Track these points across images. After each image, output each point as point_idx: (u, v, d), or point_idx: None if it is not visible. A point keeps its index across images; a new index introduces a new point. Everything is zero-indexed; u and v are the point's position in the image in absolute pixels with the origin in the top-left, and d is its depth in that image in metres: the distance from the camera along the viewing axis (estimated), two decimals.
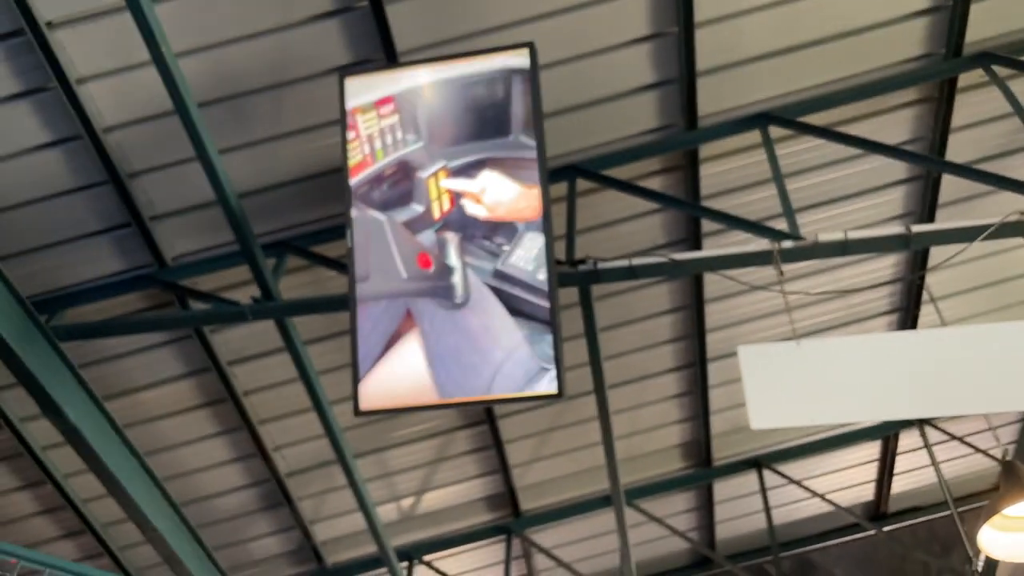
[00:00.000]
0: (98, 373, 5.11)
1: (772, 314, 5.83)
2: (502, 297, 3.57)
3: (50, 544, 5.84)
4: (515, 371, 3.49)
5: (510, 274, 3.58)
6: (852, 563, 9.75)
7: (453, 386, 3.58)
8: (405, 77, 3.91)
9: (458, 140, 3.78)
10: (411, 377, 3.60)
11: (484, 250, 3.64)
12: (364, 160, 3.86)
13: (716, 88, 4.75)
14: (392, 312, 3.70)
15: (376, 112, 3.85)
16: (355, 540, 6.43)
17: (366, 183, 3.84)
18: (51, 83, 4.09)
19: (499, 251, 3.60)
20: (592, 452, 6.23)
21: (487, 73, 3.76)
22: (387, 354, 3.68)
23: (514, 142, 3.73)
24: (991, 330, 3.73)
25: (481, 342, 3.56)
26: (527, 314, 3.52)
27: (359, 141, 3.84)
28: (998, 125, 5.20)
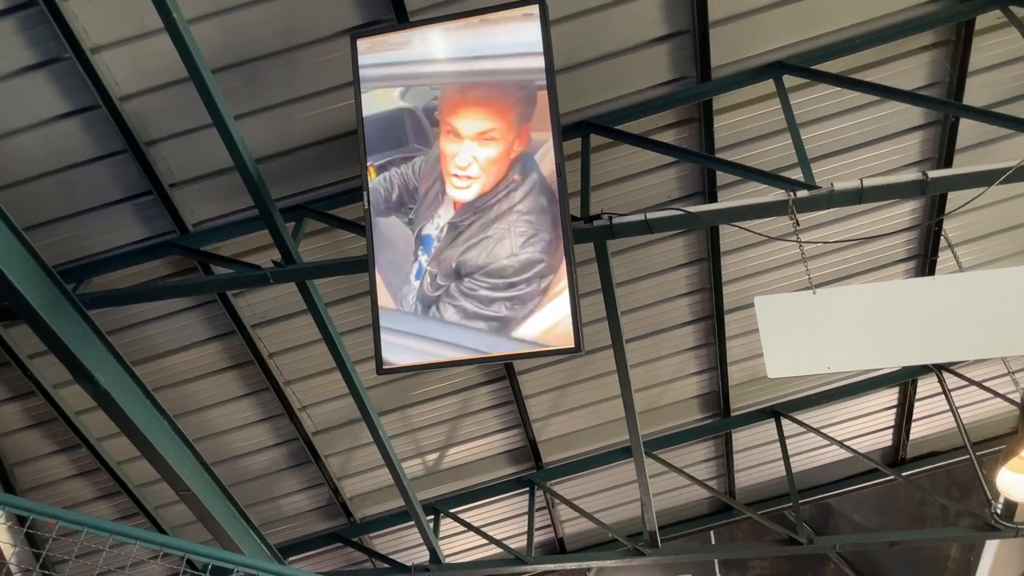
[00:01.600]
0: (125, 339, 5.24)
1: (788, 264, 5.84)
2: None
3: (88, 505, 6.03)
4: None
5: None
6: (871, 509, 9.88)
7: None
8: (416, 36, 3.92)
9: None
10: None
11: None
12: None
13: (729, 38, 4.72)
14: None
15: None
16: (382, 495, 6.58)
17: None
18: (66, 53, 4.13)
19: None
20: (611, 405, 6.31)
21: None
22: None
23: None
24: (1007, 274, 3.72)
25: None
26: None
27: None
28: (1016, 67, 5.13)
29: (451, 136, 3.64)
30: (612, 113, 4.89)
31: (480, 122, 3.55)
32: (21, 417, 5.56)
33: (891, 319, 3.61)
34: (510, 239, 3.47)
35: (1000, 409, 6.92)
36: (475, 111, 3.55)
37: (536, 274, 3.44)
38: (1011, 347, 3.65)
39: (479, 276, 3.50)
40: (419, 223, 3.69)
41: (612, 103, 4.89)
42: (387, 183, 3.79)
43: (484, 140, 3.54)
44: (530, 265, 3.41)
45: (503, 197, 3.49)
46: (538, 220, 3.45)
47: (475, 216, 3.55)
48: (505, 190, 3.48)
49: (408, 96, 3.78)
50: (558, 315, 3.43)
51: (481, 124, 3.55)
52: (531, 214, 3.45)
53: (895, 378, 6.75)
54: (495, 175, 3.53)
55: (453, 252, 3.58)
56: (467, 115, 3.58)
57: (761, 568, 11.08)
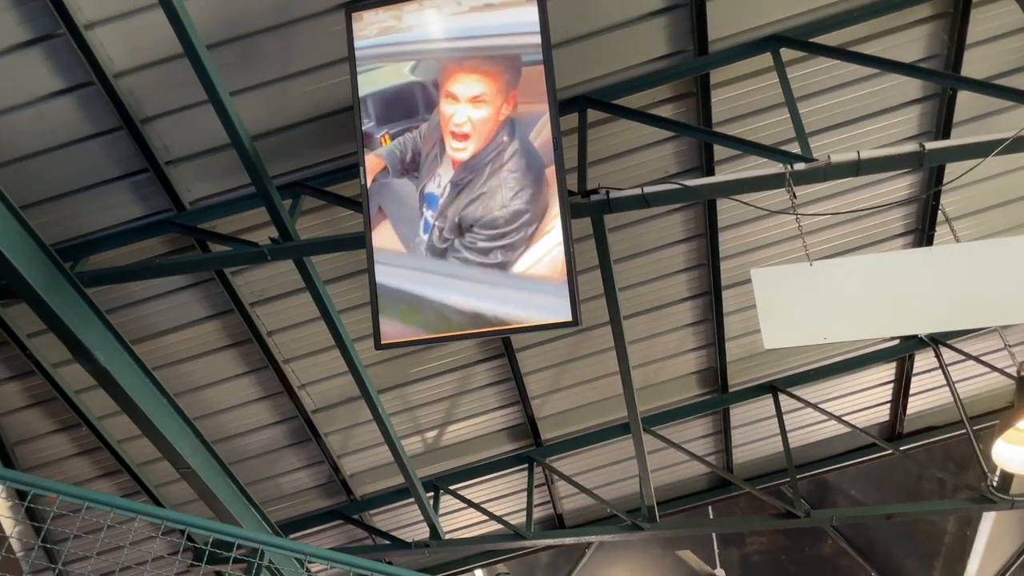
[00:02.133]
0: (124, 318, 5.24)
1: (786, 240, 5.84)
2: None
3: (89, 483, 6.05)
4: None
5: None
6: (869, 483, 9.94)
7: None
8: (410, 9, 3.90)
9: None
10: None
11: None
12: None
13: (726, 11, 4.69)
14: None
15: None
16: (382, 472, 6.62)
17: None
18: (59, 29, 4.10)
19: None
20: (610, 381, 6.34)
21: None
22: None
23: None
24: (1004, 244, 3.73)
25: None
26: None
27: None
28: (1015, 39, 5.10)
29: (449, 99, 3.90)
30: (609, 88, 4.87)
31: (473, 87, 3.84)
32: (21, 396, 5.57)
33: (887, 290, 3.62)
34: (501, 192, 3.76)
35: (997, 383, 6.95)
36: (469, 77, 3.87)
37: (523, 223, 3.71)
38: (1007, 316, 3.67)
39: (477, 228, 3.77)
40: (423, 181, 3.91)
41: (609, 78, 4.87)
42: (401, 146, 3.98)
43: (477, 103, 3.83)
44: (518, 215, 3.71)
45: (494, 156, 3.79)
46: (523, 176, 3.76)
47: (472, 174, 3.83)
48: (495, 150, 3.79)
49: (418, 70, 3.96)
50: (545, 249, 3.69)
51: (474, 88, 3.85)
52: (517, 171, 3.76)
53: (892, 353, 6.78)
54: (486, 135, 3.81)
55: (456, 207, 3.82)
56: (462, 81, 3.87)
57: (759, 543, 11.16)
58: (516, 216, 3.69)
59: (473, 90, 3.83)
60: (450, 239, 3.79)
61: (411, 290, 3.80)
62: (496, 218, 3.72)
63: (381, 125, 3.98)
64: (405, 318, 3.79)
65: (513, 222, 3.69)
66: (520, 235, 3.69)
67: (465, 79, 3.85)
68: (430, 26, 3.92)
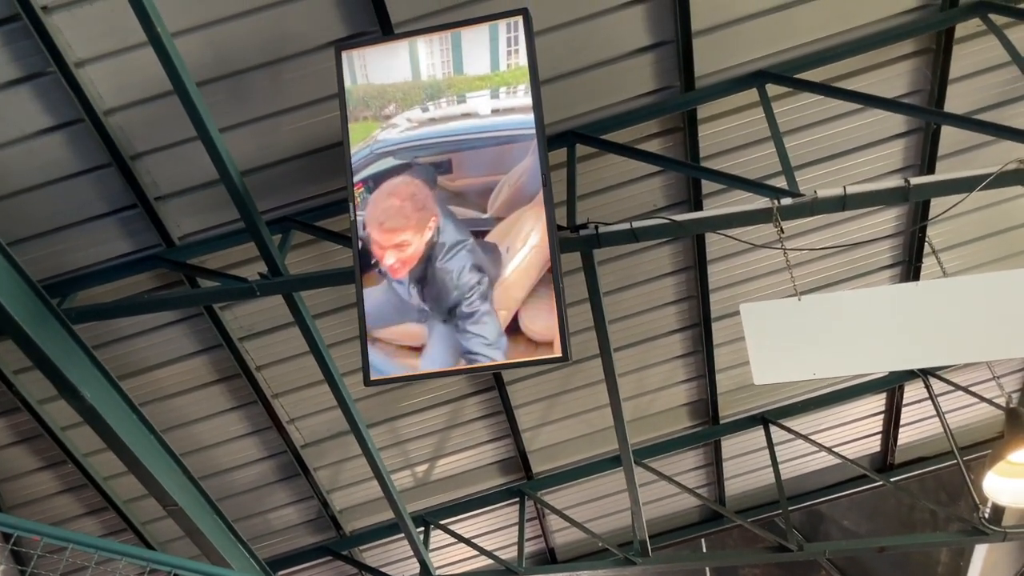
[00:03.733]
0: (111, 353, 5.21)
1: (775, 272, 5.87)
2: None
3: (74, 521, 5.98)
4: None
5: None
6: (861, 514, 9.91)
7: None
8: (400, 48, 3.94)
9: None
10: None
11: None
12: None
13: (712, 48, 4.75)
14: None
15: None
16: (372, 508, 6.56)
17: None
18: (50, 67, 4.12)
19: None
20: (601, 414, 6.32)
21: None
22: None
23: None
24: (991, 278, 3.75)
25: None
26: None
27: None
28: (996, 74, 5.19)
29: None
30: (597, 123, 4.92)
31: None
32: (6, 433, 5.51)
33: (876, 325, 3.64)
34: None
35: (987, 413, 6.97)
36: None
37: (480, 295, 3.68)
38: (995, 351, 3.68)
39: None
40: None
41: (597, 113, 4.92)
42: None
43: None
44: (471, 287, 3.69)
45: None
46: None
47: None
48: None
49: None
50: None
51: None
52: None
53: (882, 384, 6.79)
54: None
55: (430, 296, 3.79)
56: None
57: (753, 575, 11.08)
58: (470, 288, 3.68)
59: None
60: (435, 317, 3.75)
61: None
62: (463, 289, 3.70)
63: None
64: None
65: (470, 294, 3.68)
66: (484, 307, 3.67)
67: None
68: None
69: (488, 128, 3.79)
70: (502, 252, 3.68)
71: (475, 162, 3.78)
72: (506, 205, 3.72)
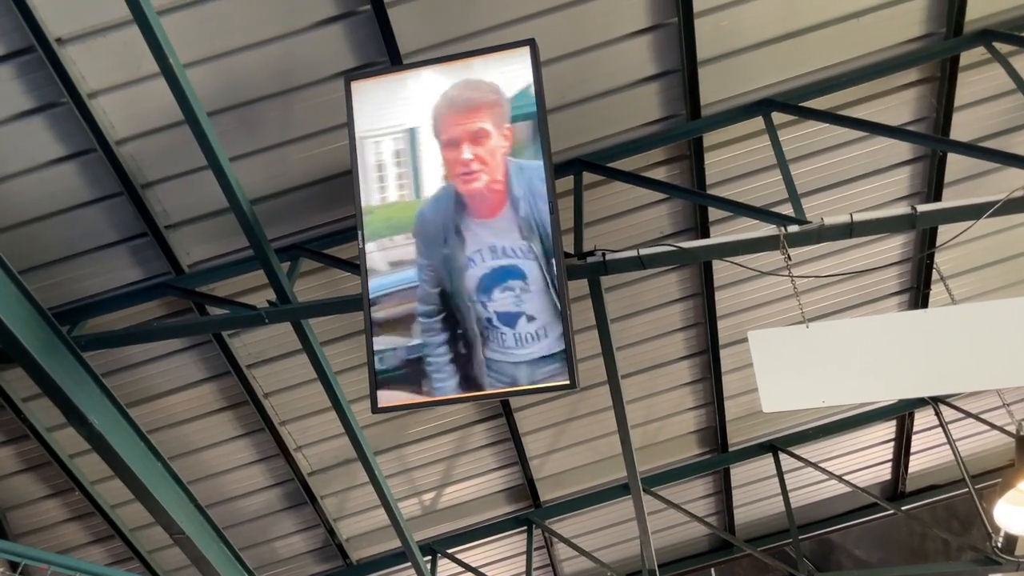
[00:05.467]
0: (120, 381, 5.23)
1: (783, 299, 5.86)
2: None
3: (81, 549, 5.96)
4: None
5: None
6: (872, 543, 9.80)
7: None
8: (410, 78, 3.97)
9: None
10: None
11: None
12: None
13: (718, 77, 4.79)
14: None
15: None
16: (378, 536, 6.53)
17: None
18: (63, 98, 4.18)
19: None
20: (609, 441, 6.30)
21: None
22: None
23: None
24: (999, 306, 3.73)
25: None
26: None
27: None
28: (1001, 102, 5.21)
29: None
30: (604, 151, 4.95)
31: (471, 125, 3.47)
32: (15, 461, 5.52)
33: (884, 352, 3.62)
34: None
35: (998, 441, 6.90)
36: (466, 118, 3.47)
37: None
38: (1004, 379, 3.66)
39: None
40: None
41: (604, 141, 4.95)
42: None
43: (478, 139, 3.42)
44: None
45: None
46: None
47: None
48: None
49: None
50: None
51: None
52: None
53: (892, 411, 6.75)
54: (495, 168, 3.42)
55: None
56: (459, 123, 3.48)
57: None
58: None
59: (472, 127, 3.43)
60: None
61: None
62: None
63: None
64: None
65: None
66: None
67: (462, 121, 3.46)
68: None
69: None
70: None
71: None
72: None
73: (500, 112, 3.31)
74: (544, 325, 3.03)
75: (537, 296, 3.03)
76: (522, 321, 3.05)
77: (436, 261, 3.29)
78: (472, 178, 3.28)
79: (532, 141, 3.38)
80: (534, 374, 3.17)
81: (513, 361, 3.15)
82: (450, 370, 3.37)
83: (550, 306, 3.01)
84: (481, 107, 3.31)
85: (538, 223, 3.07)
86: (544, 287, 3.03)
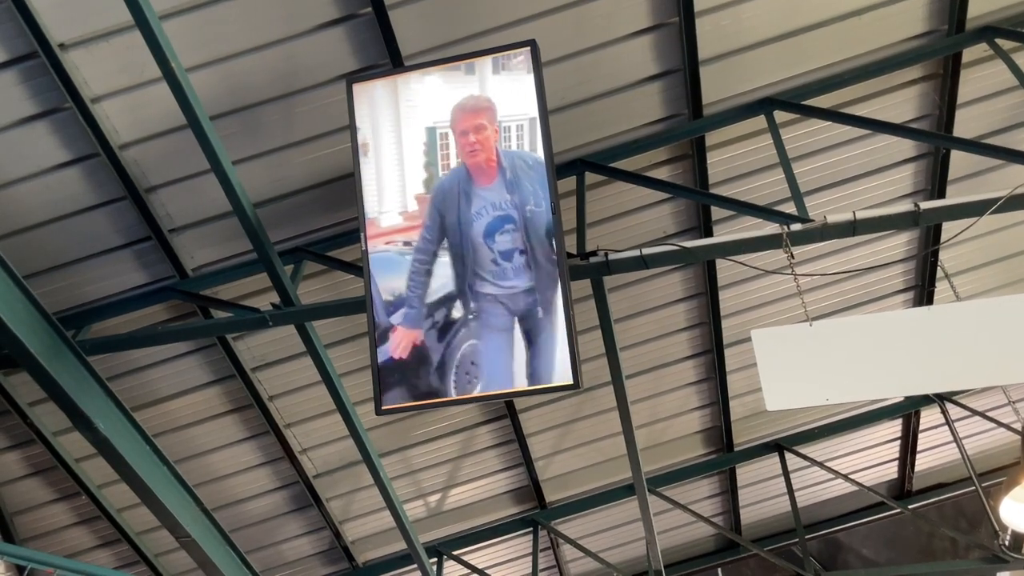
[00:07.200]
0: (126, 384, 5.24)
1: (787, 297, 5.86)
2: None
3: (87, 553, 5.98)
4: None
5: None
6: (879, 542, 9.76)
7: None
8: (412, 80, 3.98)
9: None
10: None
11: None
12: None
13: (719, 76, 4.79)
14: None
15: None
16: (384, 538, 6.53)
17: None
18: (66, 103, 4.20)
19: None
20: (614, 442, 6.29)
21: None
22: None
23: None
24: (1004, 303, 3.72)
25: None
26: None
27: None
28: (1004, 98, 5.20)
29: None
30: (606, 151, 4.95)
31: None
32: (21, 465, 5.54)
33: (888, 350, 3.61)
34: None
35: (1005, 438, 6.89)
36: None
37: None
38: (1010, 375, 3.64)
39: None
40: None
41: (606, 141, 4.95)
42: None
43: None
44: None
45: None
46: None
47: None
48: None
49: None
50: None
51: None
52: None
53: (898, 409, 6.73)
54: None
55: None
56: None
57: None
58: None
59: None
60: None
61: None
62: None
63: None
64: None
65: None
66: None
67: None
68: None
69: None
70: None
71: None
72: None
73: (492, 115, 3.96)
74: (525, 261, 3.78)
75: (520, 234, 3.80)
76: (516, 255, 3.79)
77: (452, 221, 3.92)
78: (476, 155, 3.95)
79: (517, 134, 3.96)
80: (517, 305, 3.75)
81: (510, 293, 3.78)
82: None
83: (523, 242, 3.79)
84: (480, 111, 3.98)
85: (517, 186, 3.86)
86: (523, 228, 3.80)
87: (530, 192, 3.86)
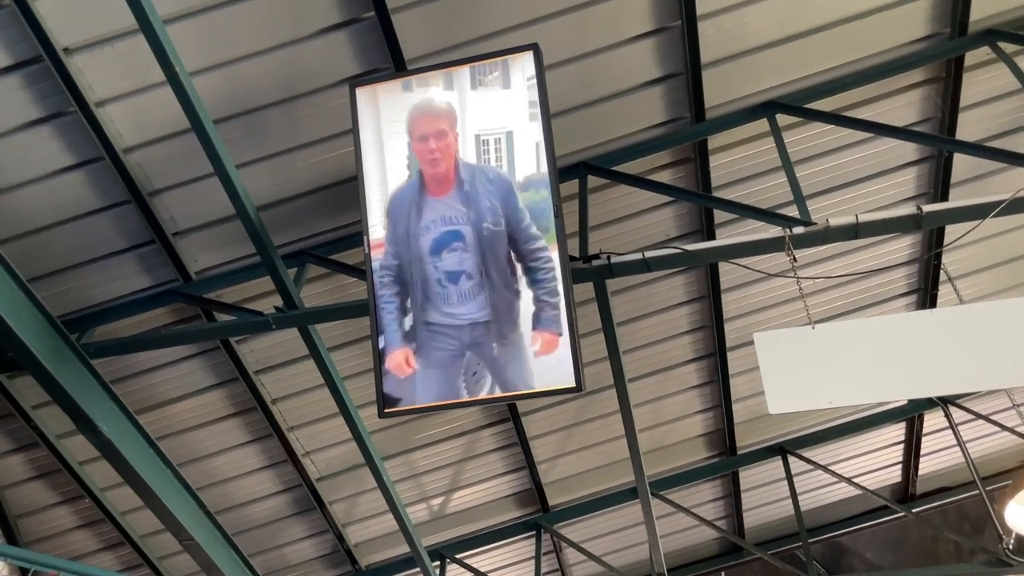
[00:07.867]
0: (129, 388, 5.25)
1: (790, 300, 5.85)
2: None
3: (91, 556, 5.99)
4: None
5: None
6: (883, 546, 9.74)
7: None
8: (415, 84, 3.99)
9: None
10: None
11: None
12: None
13: (722, 79, 4.79)
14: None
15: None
16: (387, 541, 6.53)
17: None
18: (71, 107, 4.22)
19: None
20: (617, 445, 6.29)
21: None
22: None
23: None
24: (1007, 306, 3.72)
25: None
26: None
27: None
28: (1007, 102, 5.19)
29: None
30: (609, 154, 4.95)
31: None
32: (25, 468, 5.55)
33: (891, 353, 3.61)
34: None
35: (1009, 442, 6.87)
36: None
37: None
38: (1012, 378, 3.64)
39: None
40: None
41: (608, 144, 4.96)
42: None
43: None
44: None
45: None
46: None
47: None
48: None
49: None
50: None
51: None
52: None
53: (901, 413, 6.72)
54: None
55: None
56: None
57: None
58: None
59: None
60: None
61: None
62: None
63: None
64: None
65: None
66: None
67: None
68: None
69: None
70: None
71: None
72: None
73: (453, 120, 3.85)
74: (475, 285, 3.56)
75: (472, 256, 3.58)
76: (463, 279, 3.58)
77: (400, 232, 3.77)
78: (436, 164, 3.80)
79: (495, 147, 3.80)
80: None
81: (455, 324, 3.63)
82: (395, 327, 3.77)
83: (478, 269, 3.57)
84: (441, 115, 3.85)
85: (475, 201, 3.65)
86: (476, 248, 3.59)
87: (488, 208, 3.64)
